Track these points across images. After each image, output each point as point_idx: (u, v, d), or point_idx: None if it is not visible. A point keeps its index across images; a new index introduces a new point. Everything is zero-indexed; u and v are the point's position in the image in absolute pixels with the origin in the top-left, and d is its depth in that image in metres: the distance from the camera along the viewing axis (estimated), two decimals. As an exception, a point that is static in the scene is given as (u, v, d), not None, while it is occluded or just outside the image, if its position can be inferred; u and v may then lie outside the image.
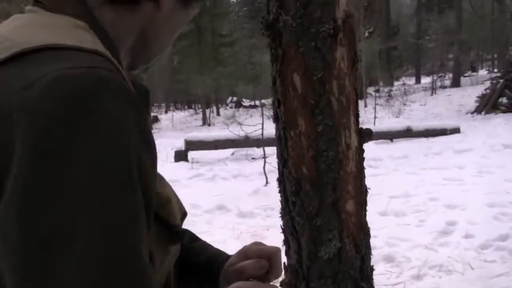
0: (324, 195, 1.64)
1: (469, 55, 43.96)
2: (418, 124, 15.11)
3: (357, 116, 1.71)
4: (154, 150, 0.84)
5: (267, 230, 7.02)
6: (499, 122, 15.60)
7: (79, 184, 0.70)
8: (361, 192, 1.73)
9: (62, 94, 0.74)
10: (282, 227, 1.83)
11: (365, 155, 1.73)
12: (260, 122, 12.25)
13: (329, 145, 1.60)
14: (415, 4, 44.82)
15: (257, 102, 29.33)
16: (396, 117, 21.08)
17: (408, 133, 14.36)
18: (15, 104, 0.74)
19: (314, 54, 1.54)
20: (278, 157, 1.74)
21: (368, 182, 1.77)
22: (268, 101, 17.76)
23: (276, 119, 1.70)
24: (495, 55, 44.83)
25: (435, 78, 30.87)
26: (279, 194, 1.81)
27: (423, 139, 14.03)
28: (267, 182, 9.90)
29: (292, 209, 1.71)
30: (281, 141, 1.69)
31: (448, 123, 15.18)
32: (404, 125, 15.09)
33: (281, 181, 1.76)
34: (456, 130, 14.48)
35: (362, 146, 1.73)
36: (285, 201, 1.74)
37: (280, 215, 1.85)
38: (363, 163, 1.74)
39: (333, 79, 1.58)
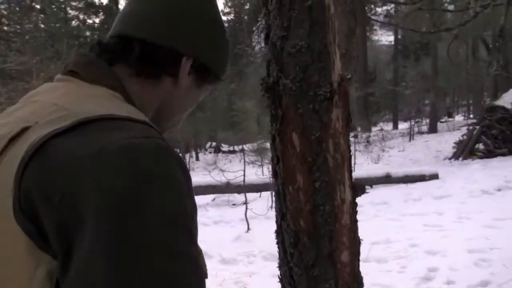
0: (321, 247, 1.73)
1: (445, 101, 44.64)
2: (397, 171, 15.26)
3: (350, 171, 1.82)
4: (196, 206, 0.96)
5: (250, 276, 7.01)
6: (476, 168, 15.81)
7: (153, 240, 0.82)
8: (355, 243, 1.83)
9: (128, 162, 0.85)
10: (280, 277, 1.92)
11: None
12: (240, 169, 12.31)
13: (326, 200, 1.71)
14: (392, 51, 45.58)
15: (236, 148, 29.32)
16: (375, 163, 21.25)
17: (387, 179, 14.51)
18: (84, 172, 0.84)
19: (312, 115, 1.66)
20: (276, 210, 1.84)
21: (350, 229, 1.85)
22: (248, 147, 17.82)
23: (275, 174, 1.81)
24: (470, 101, 45.62)
25: (412, 124, 31.25)
26: (276, 245, 1.90)
27: (402, 185, 14.17)
28: (248, 228, 9.89)
29: (290, 260, 1.80)
30: (279, 195, 1.79)
31: (427, 169, 15.35)
32: (383, 171, 15.24)
33: (279, 233, 1.85)
34: (434, 176, 14.65)
35: (355, 200, 1.84)
36: (283, 252, 1.83)
37: (277, 265, 1.93)
38: (356, 215, 1.85)
39: (329, 138, 1.69)
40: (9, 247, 0.88)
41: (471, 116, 38.25)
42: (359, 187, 1.84)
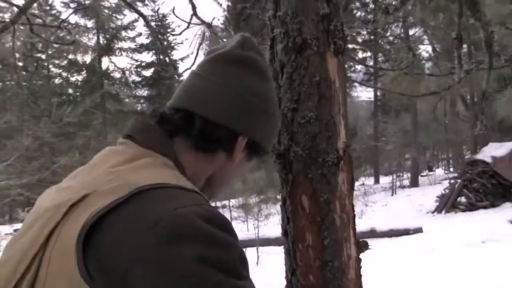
0: (329, 301, 1.88)
1: (425, 155, 45.06)
2: (381, 225, 15.39)
3: (354, 230, 1.98)
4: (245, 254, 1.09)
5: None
6: (459, 221, 15.99)
7: None
8: (360, 297, 1.98)
9: (182, 232, 0.98)
10: (289, 331, 2.05)
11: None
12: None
13: (334, 256, 1.86)
14: (372, 107, 46.10)
15: (218, 204, 29.30)
16: (359, 218, 21.29)
17: (372, 234, 14.62)
18: (144, 246, 0.96)
19: (321, 180, 1.83)
20: (286, 267, 1.98)
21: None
22: (233, 202, 17.84)
23: (285, 233, 1.96)
24: (450, 155, 46.17)
25: (394, 178, 31.45)
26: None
27: (387, 239, 14.28)
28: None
29: (301, 313, 1.93)
30: (290, 253, 1.94)
31: (411, 223, 15.51)
32: (368, 226, 15.36)
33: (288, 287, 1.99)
34: (418, 230, 14.80)
35: (359, 255, 1.99)
36: (294, 306, 1.97)
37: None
38: (360, 270, 2.00)
39: (336, 200, 1.86)
40: None
41: (451, 169, 38.66)
42: (363, 243, 2.00)
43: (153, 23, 35.71)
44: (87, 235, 0.99)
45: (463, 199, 18.71)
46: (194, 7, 4.28)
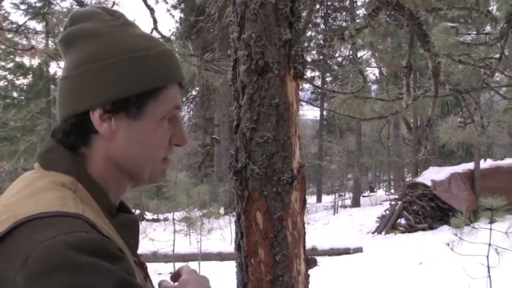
0: (278, 314, 1.95)
1: (367, 176, 45.78)
2: (323, 244, 15.54)
3: (304, 247, 2.07)
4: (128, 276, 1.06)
5: None
6: (398, 242, 16.31)
7: None
8: (307, 311, 2.06)
9: (51, 264, 0.96)
10: None
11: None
12: (165, 237, 12.32)
13: (284, 271, 1.94)
14: (317, 126, 46.63)
15: (161, 216, 29.05)
16: (301, 235, 21.42)
17: (313, 252, 14.73)
18: (18, 282, 0.96)
19: (275, 197, 1.91)
20: (238, 280, 2.05)
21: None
22: (177, 215, 17.75)
23: (238, 248, 2.03)
24: (391, 177, 47.02)
25: (336, 197, 31.81)
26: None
27: (328, 258, 14.44)
28: (177, 299, 9.83)
29: (250, 326, 2.00)
30: (242, 267, 2.01)
31: (351, 243, 15.73)
32: (309, 244, 15.47)
33: (240, 301, 2.06)
34: (359, 250, 15.02)
35: (307, 271, 2.07)
36: (243, 319, 2.03)
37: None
38: (308, 285, 2.08)
39: (289, 217, 1.95)
40: None
41: (392, 191, 39.36)
42: (311, 260, 2.08)
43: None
44: None
45: (402, 221, 19.07)
46: (155, 21, 4.32)
